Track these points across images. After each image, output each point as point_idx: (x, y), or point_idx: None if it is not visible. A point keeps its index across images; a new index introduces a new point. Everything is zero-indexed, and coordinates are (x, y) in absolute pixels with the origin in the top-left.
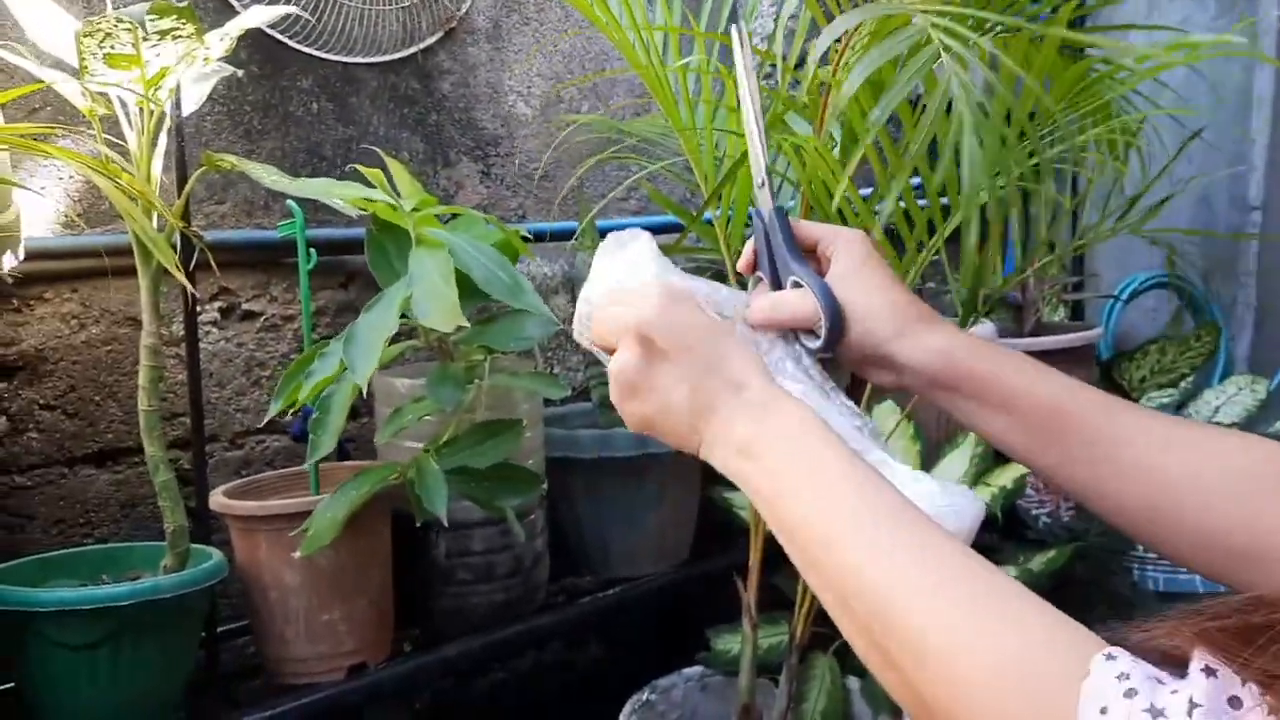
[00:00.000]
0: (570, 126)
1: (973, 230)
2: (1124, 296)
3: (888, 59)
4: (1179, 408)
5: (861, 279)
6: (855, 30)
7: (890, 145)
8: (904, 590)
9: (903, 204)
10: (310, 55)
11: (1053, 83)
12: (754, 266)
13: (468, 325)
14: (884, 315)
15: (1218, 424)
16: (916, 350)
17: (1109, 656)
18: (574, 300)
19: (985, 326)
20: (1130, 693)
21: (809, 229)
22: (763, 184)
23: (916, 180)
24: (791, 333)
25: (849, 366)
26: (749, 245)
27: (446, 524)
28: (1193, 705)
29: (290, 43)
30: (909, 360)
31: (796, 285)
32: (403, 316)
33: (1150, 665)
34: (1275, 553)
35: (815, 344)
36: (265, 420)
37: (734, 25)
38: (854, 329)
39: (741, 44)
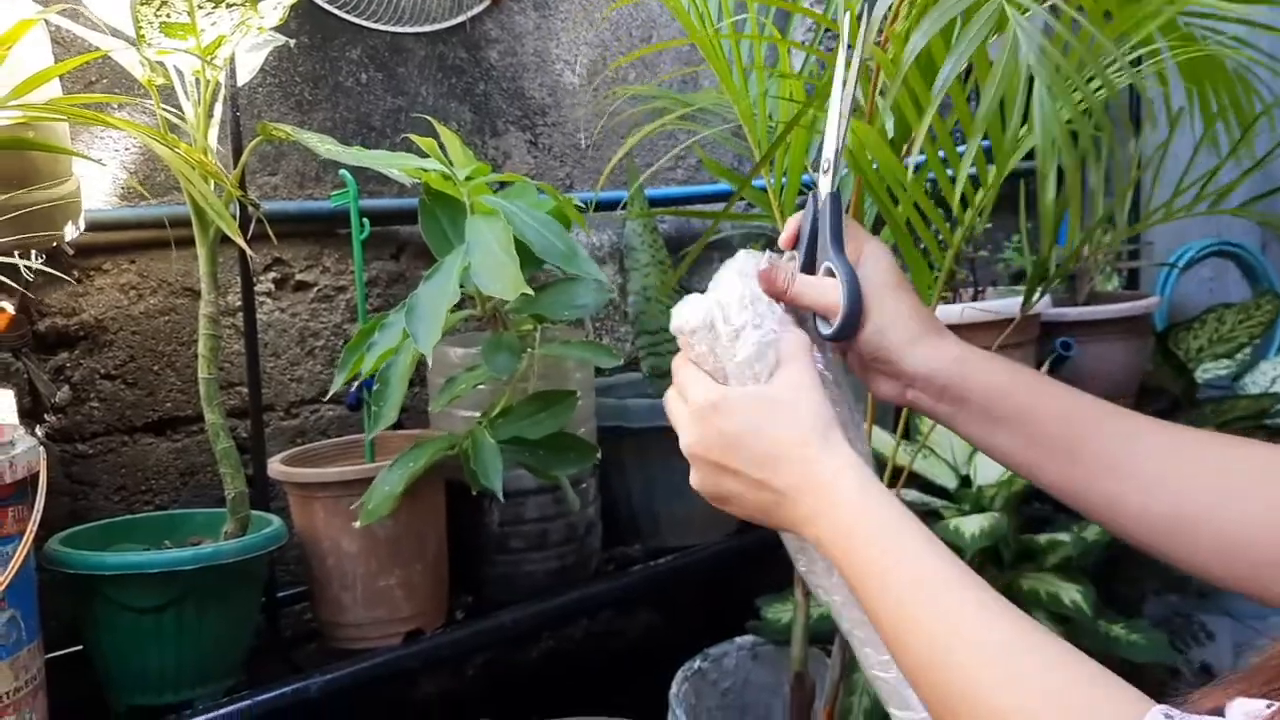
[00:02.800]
0: (621, 97)
1: (1049, 187)
2: (1180, 265)
3: (947, 20)
4: (1235, 379)
5: (884, 284)
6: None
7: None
8: (979, 680)
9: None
10: (359, 25)
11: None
12: (794, 243)
13: (531, 292)
14: (901, 320)
15: (1275, 394)
16: (930, 358)
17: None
18: (622, 270)
19: (1042, 297)
20: None
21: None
22: (828, 169)
23: (963, 147)
24: (811, 315)
25: (855, 370)
26: (792, 222)
27: (502, 498)
28: None
29: (339, 13)
30: (920, 367)
31: (830, 273)
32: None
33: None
34: None
35: (828, 330)
36: (327, 393)
37: (845, 13)
38: (870, 328)
39: (847, 32)
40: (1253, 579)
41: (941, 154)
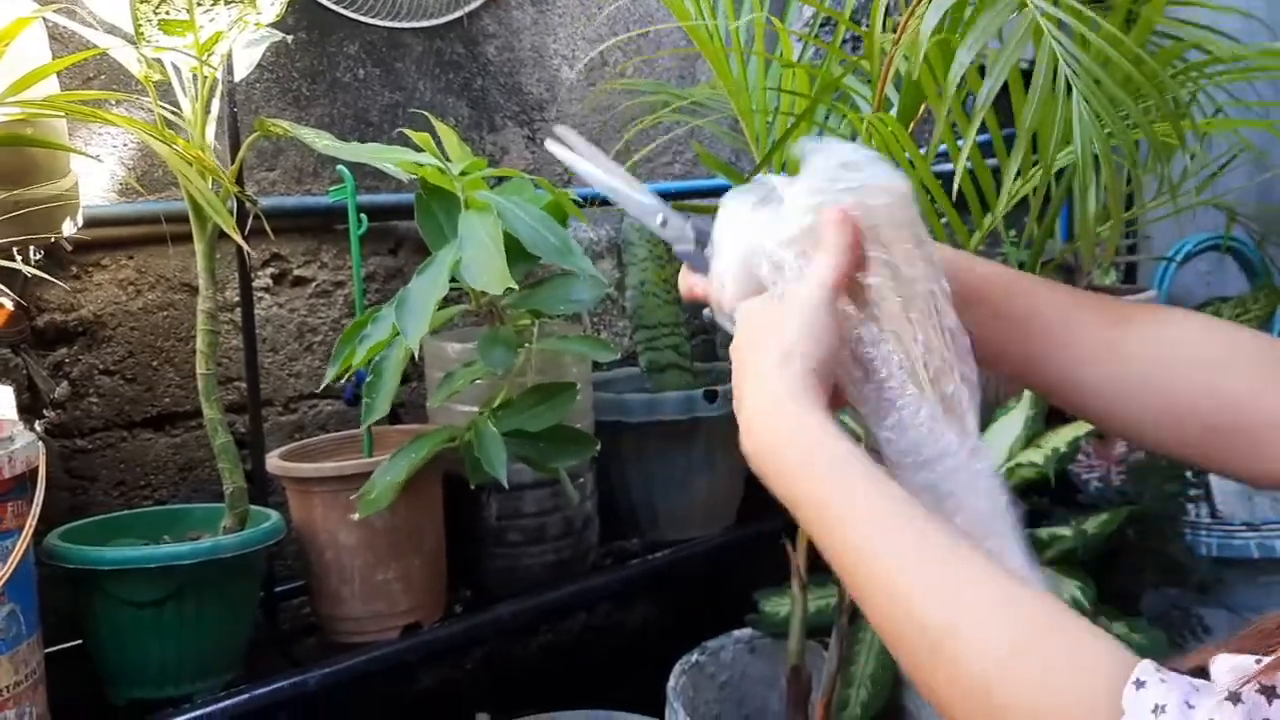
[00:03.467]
0: (617, 91)
1: (1090, 198)
2: (1178, 259)
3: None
4: None
5: None
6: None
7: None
8: (927, 590)
9: (969, 165)
10: (356, 20)
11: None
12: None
13: (516, 287)
14: None
15: None
16: None
17: (1139, 684)
18: (620, 265)
19: None
20: None
21: None
22: None
23: (984, 137)
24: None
25: None
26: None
27: (507, 486)
28: None
29: (336, 8)
30: None
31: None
32: (454, 281)
33: (1180, 678)
34: (1244, 426)
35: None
36: (321, 385)
37: None
38: None
39: None
40: (1201, 445)
41: (968, 164)
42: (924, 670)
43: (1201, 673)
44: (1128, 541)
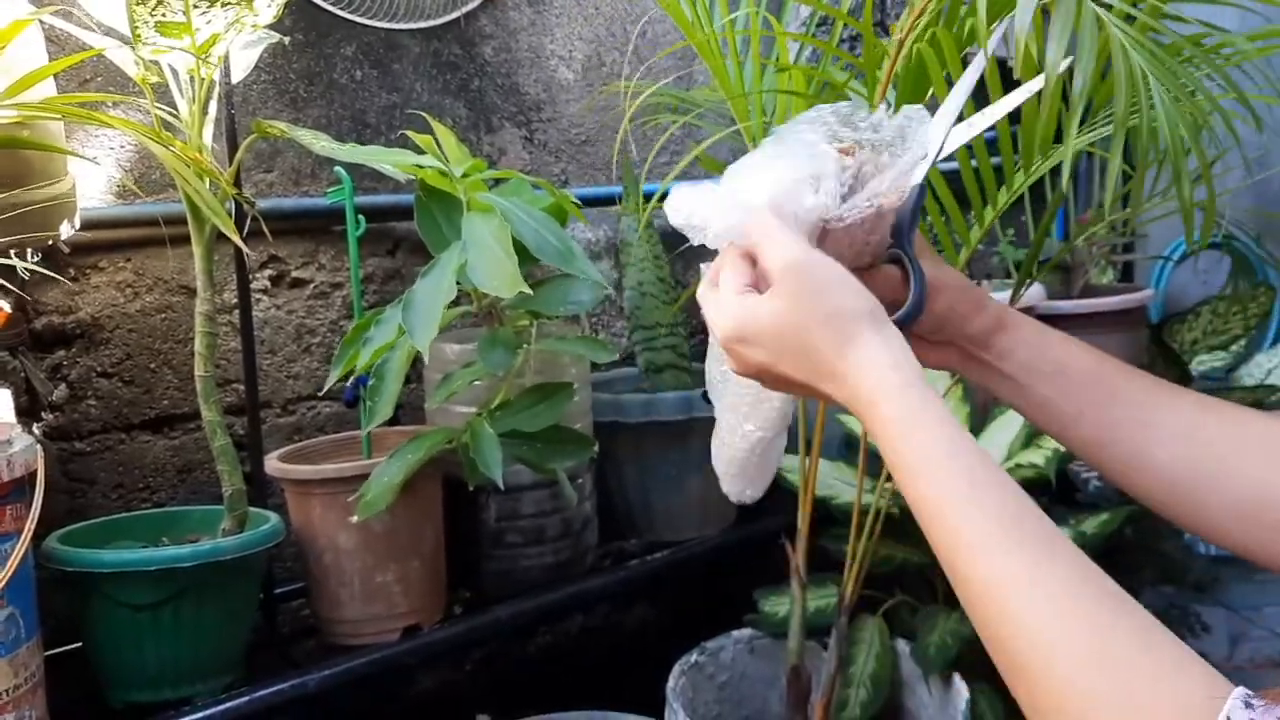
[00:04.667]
0: (614, 92)
1: (1185, 183)
2: (1175, 258)
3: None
4: (1230, 371)
5: (929, 262)
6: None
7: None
8: (1037, 613)
9: (974, 162)
10: (353, 22)
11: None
12: None
13: (530, 291)
14: (956, 295)
15: (1271, 386)
16: (971, 320)
17: (1247, 704)
18: (618, 265)
19: (1034, 289)
20: None
21: None
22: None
23: (990, 134)
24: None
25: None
26: None
27: (502, 487)
28: None
29: (333, 10)
30: (972, 330)
31: (893, 260)
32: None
33: (1268, 710)
34: None
35: (898, 315)
36: (323, 389)
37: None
38: (935, 309)
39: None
40: (1268, 541)
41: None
42: (1015, 674)
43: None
44: (1127, 541)
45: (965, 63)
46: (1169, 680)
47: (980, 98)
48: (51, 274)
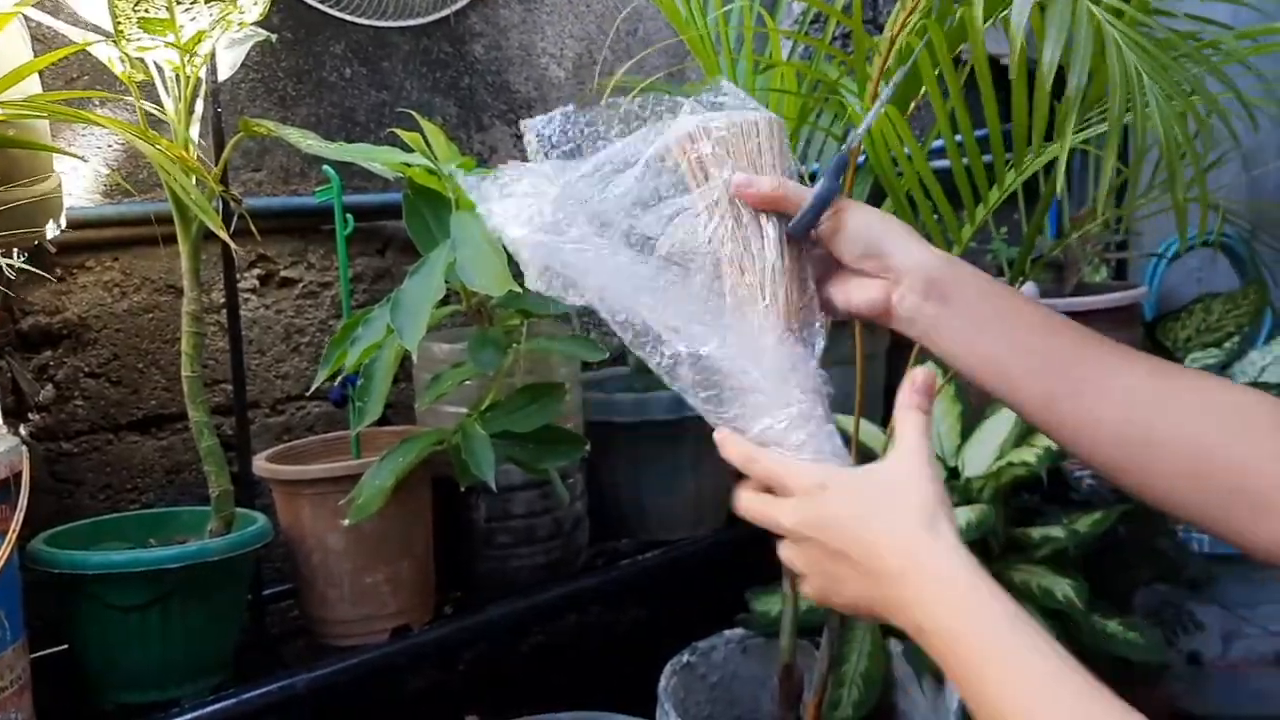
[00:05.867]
0: (606, 89)
1: (1179, 182)
2: (1168, 255)
3: None
4: (1224, 368)
5: (872, 207)
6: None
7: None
8: None
9: (966, 161)
10: (342, 20)
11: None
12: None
13: (520, 290)
14: (888, 220)
15: (1264, 383)
16: (916, 251)
17: None
18: None
19: (1027, 286)
20: None
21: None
22: (854, 137)
23: (981, 131)
24: (784, 218)
25: (844, 276)
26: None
27: (495, 488)
28: None
29: (322, 7)
30: (907, 261)
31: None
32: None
33: None
34: (1266, 494)
35: (794, 219)
36: (310, 388)
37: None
38: (859, 222)
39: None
40: (1215, 511)
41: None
42: None
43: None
44: (1120, 539)
45: (958, 61)
46: None
47: (973, 98)
48: (39, 271)
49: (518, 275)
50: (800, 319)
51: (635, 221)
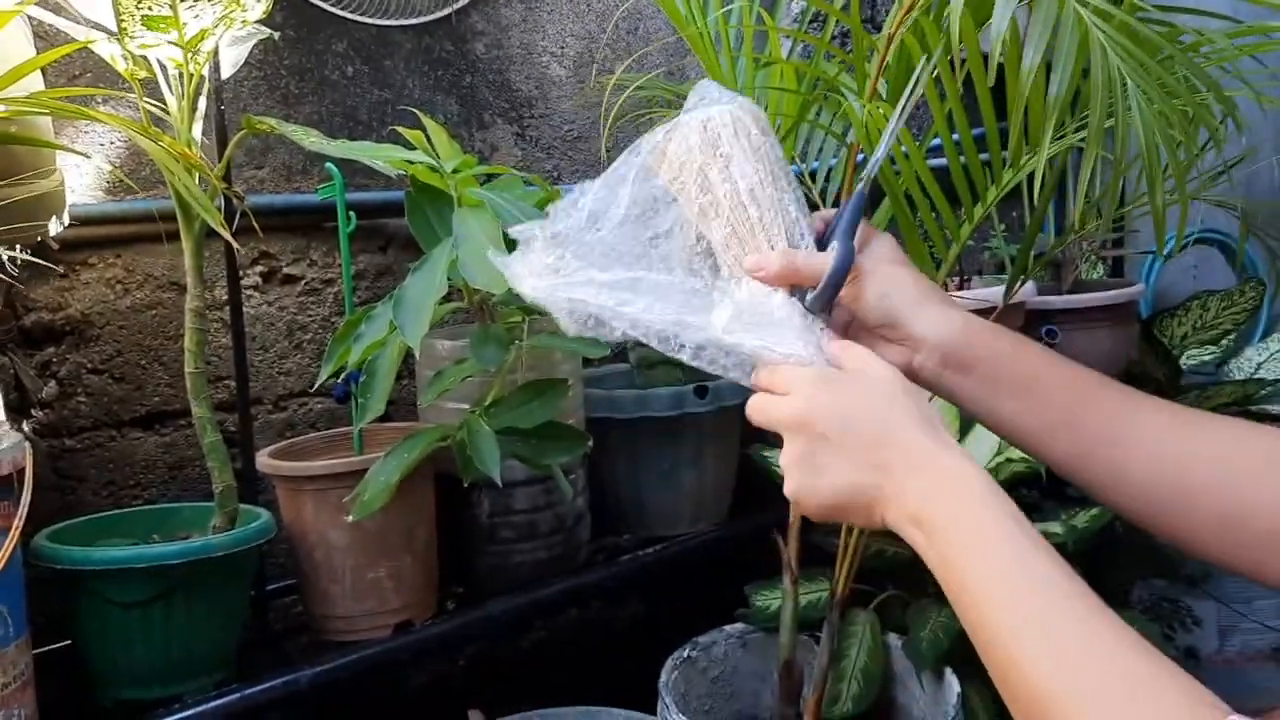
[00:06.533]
0: (606, 87)
1: (1159, 192)
2: (1165, 252)
3: None
4: (1220, 365)
5: (885, 259)
6: None
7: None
8: (1063, 687)
9: (963, 159)
10: (344, 18)
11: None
12: (821, 238)
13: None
14: (906, 285)
15: (1260, 380)
16: (937, 320)
17: None
18: None
19: (1027, 286)
20: None
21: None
22: (866, 175)
23: (978, 130)
24: (800, 291)
25: (864, 336)
26: (818, 217)
27: (500, 484)
28: None
29: (324, 5)
30: (926, 331)
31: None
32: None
33: None
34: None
35: (815, 291)
36: (314, 385)
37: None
38: (874, 292)
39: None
40: (1249, 555)
41: (964, 160)
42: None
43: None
44: (1117, 535)
45: (953, 62)
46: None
47: (970, 97)
48: (41, 270)
49: None
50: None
51: (637, 239)
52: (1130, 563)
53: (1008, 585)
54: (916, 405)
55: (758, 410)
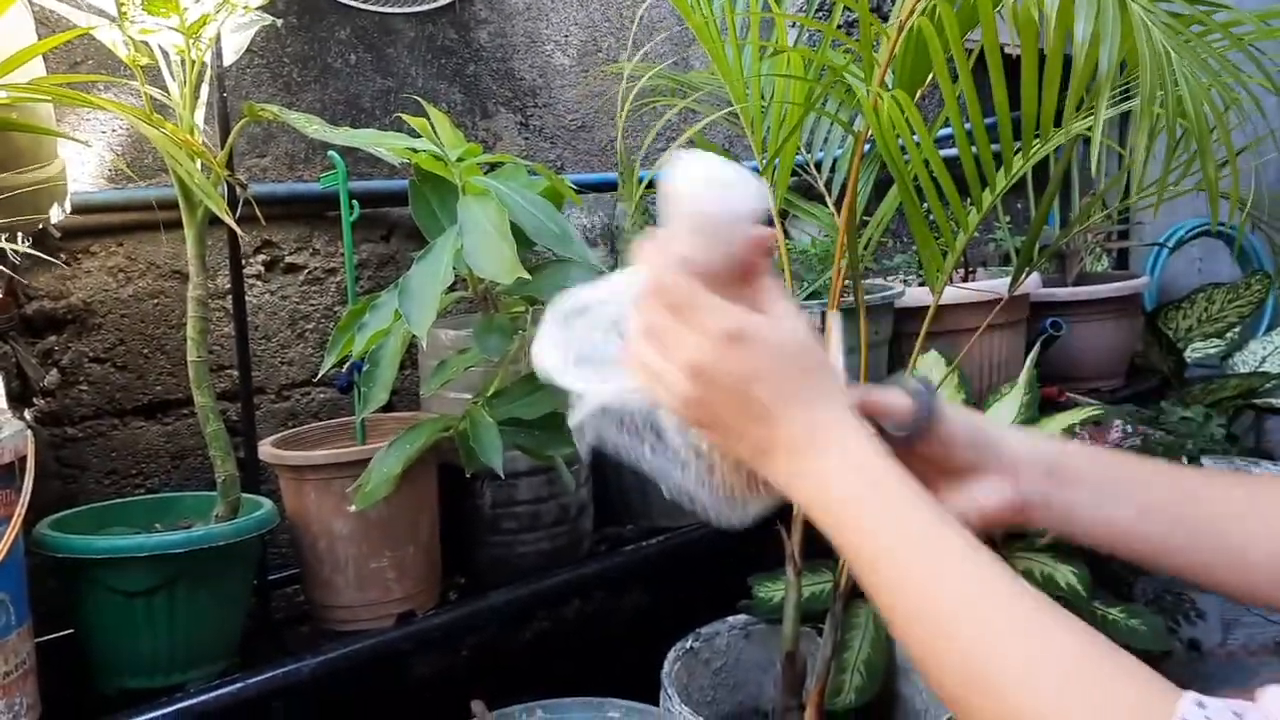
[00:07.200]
0: (610, 76)
1: (1210, 162)
2: (1170, 245)
3: None
4: (1225, 358)
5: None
6: None
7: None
8: (995, 656)
9: (974, 148)
10: (347, 6)
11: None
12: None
13: (528, 276)
14: (983, 420)
15: (1264, 373)
16: (1029, 440)
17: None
18: (614, 252)
19: (1031, 277)
20: None
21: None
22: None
23: (990, 120)
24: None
25: (955, 470)
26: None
27: (502, 475)
28: None
29: None
30: (1022, 451)
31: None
32: None
33: (1223, 704)
34: None
35: (910, 421)
36: (318, 375)
37: None
38: (963, 426)
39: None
40: None
41: (975, 149)
42: (960, 696)
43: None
44: None
45: (968, 48)
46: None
47: (983, 86)
48: (44, 256)
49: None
50: None
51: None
52: None
53: (897, 551)
54: (815, 376)
55: (648, 326)
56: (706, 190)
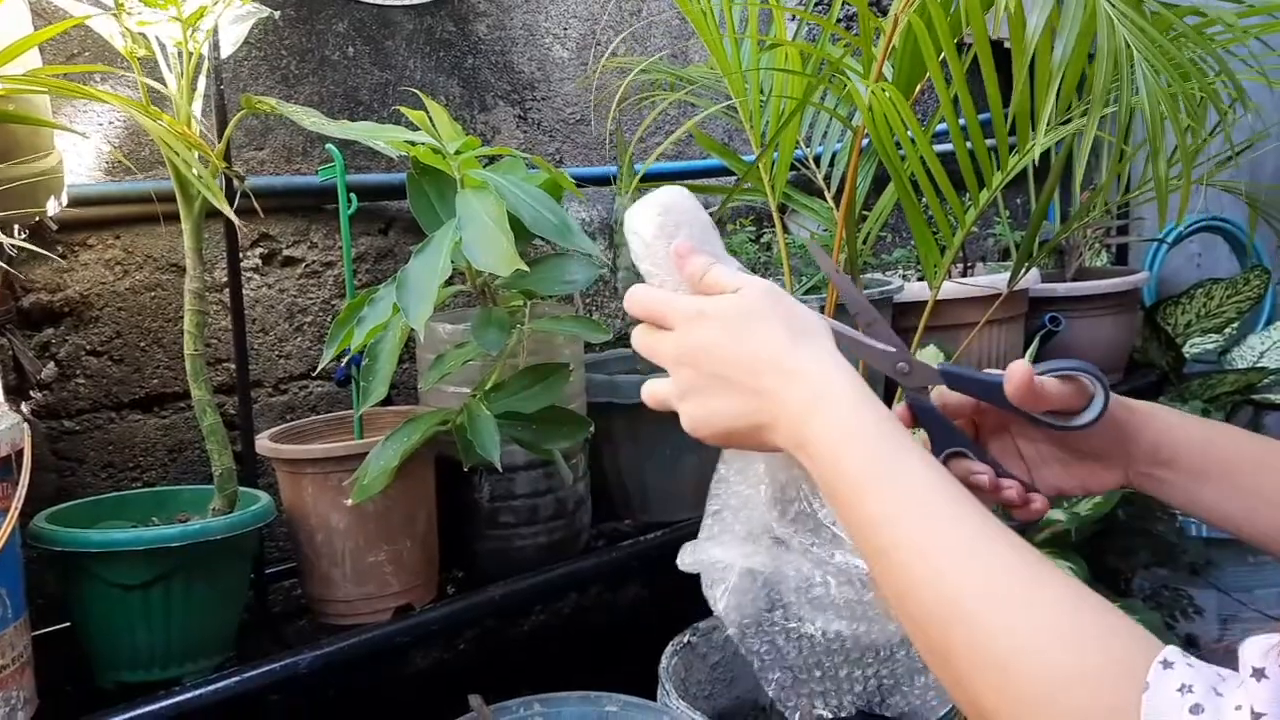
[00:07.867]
0: (609, 69)
1: (1161, 161)
2: (1169, 240)
3: None
4: (1223, 353)
5: None
6: None
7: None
8: (960, 590)
9: (969, 144)
10: None
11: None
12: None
13: (527, 269)
14: (1128, 406)
15: (1262, 368)
16: (1162, 423)
17: (1166, 664)
18: (612, 245)
19: (1030, 272)
20: (1196, 709)
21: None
22: None
23: (984, 116)
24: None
25: (1078, 452)
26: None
27: (501, 468)
28: (1256, 716)
29: None
30: (1147, 435)
31: (1059, 377)
32: None
33: (1207, 665)
34: None
35: (1080, 420)
36: (317, 369)
37: None
38: (1111, 412)
39: None
40: None
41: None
42: (938, 642)
43: (1229, 651)
44: (1119, 522)
45: (961, 47)
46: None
47: (976, 83)
48: (39, 251)
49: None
50: None
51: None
52: (1132, 550)
53: (888, 498)
54: (789, 322)
55: (642, 345)
56: (643, 220)
